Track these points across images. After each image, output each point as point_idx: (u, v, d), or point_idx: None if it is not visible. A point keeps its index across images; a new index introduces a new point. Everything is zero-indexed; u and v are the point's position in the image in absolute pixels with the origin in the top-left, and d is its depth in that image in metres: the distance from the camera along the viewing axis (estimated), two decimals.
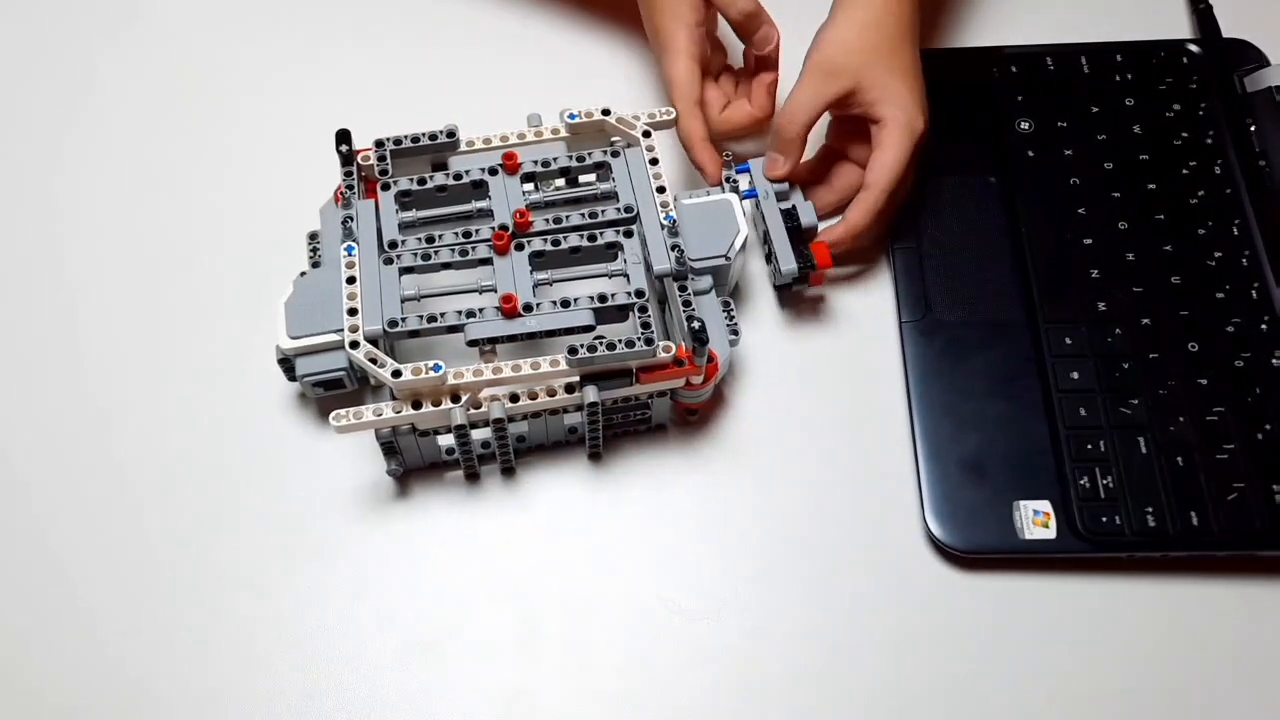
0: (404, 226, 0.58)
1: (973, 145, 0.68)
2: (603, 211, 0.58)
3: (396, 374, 0.52)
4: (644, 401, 0.57)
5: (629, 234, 0.57)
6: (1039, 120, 0.68)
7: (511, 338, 0.54)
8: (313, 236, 0.62)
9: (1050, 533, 0.56)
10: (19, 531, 0.58)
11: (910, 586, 0.56)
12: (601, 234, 0.57)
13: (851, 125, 0.64)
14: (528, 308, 0.54)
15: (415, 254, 0.56)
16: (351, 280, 0.55)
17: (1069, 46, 0.71)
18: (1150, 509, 0.56)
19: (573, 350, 0.52)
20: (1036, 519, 0.56)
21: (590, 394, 0.54)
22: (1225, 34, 0.72)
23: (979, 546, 0.56)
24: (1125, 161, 0.66)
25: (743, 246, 0.59)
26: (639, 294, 0.55)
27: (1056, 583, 0.56)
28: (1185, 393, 0.59)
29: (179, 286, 0.65)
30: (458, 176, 0.59)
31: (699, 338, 0.53)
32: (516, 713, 0.54)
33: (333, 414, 0.53)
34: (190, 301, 0.64)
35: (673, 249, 0.56)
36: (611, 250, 0.57)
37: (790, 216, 0.62)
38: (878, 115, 0.61)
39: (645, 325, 0.54)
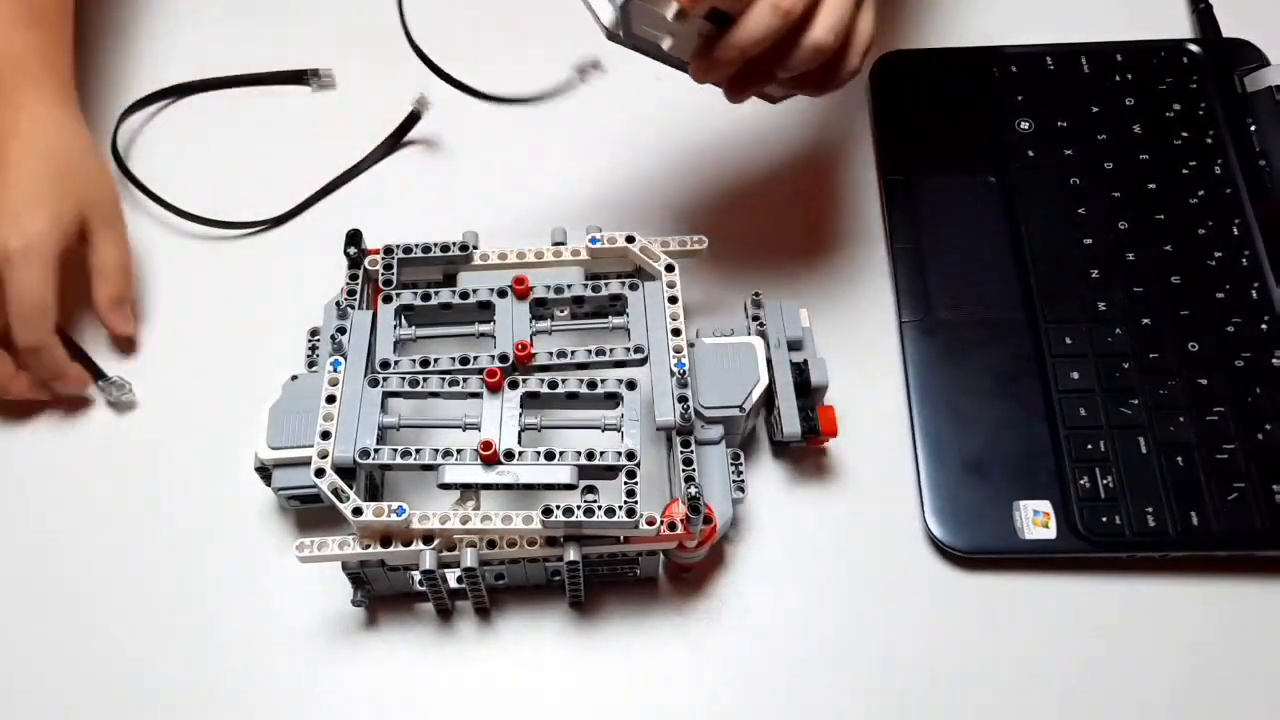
0: (401, 344, 0.55)
1: (973, 145, 0.68)
2: (611, 350, 0.54)
3: (357, 511, 0.49)
4: (631, 557, 0.53)
5: (631, 385, 0.53)
6: (1039, 120, 0.68)
7: (486, 486, 0.51)
8: (313, 333, 0.58)
9: (1050, 533, 0.56)
10: None
11: (910, 586, 0.56)
12: (602, 382, 0.53)
13: None
14: (509, 455, 0.51)
15: (403, 378, 0.53)
16: (331, 399, 0.52)
17: (1069, 46, 0.71)
18: (1150, 509, 0.56)
19: (547, 511, 0.49)
20: (1037, 519, 0.56)
21: (571, 552, 0.50)
22: (1225, 34, 0.72)
23: (979, 546, 0.56)
24: (1125, 161, 0.66)
25: (760, 397, 0.55)
26: (630, 456, 0.51)
27: (1056, 583, 0.56)
28: (1185, 393, 0.59)
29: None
30: (465, 295, 0.56)
31: (694, 507, 0.49)
32: None
33: (296, 543, 0.50)
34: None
35: (679, 400, 0.52)
36: (611, 399, 0.53)
37: (800, 371, 0.56)
38: None
39: (630, 494, 0.50)
